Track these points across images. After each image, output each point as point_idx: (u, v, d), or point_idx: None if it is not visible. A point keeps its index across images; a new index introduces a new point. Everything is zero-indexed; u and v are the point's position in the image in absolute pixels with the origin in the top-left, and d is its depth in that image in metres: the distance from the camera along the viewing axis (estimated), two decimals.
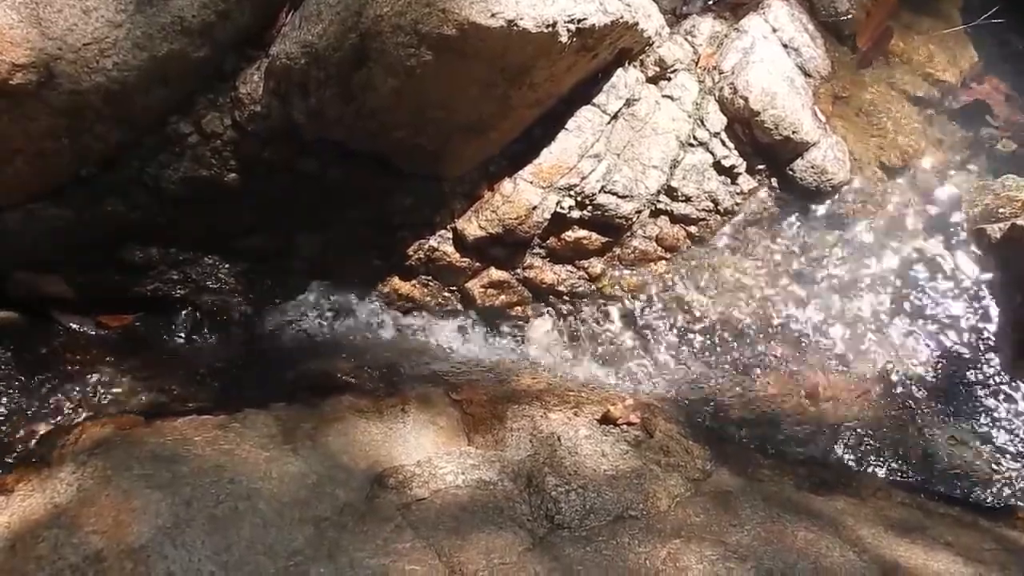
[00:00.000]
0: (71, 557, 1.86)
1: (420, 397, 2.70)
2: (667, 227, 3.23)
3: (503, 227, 2.95)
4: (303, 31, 2.41)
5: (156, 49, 2.31)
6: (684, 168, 3.19)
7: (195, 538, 1.92)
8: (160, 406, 2.41)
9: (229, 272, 2.89)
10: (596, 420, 2.72)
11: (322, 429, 2.43)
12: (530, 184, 2.97)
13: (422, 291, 3.11)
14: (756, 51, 3.23)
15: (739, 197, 3.29)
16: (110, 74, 2.27)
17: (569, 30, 2.54)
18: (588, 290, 3.21)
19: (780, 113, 3.14)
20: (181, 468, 2.10)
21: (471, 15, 2.33)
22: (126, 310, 2.79)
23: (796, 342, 3.15)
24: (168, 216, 2.68)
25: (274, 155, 2.65)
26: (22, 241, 2.53)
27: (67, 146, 2.35)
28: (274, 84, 2.53)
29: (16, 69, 2.08)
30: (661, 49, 3.16)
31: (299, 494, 2.16)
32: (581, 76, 2.93)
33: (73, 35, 2.18)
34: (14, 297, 2.63)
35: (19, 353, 2.46)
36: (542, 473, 2.44)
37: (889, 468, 2.85)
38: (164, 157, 2.58)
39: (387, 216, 2.93)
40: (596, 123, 3.04)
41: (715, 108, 3.23)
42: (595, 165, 3.02)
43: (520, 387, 2.87)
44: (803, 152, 3.24)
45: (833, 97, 3.49)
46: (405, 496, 2.28)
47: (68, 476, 2.05)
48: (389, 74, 2.41)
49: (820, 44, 3.51)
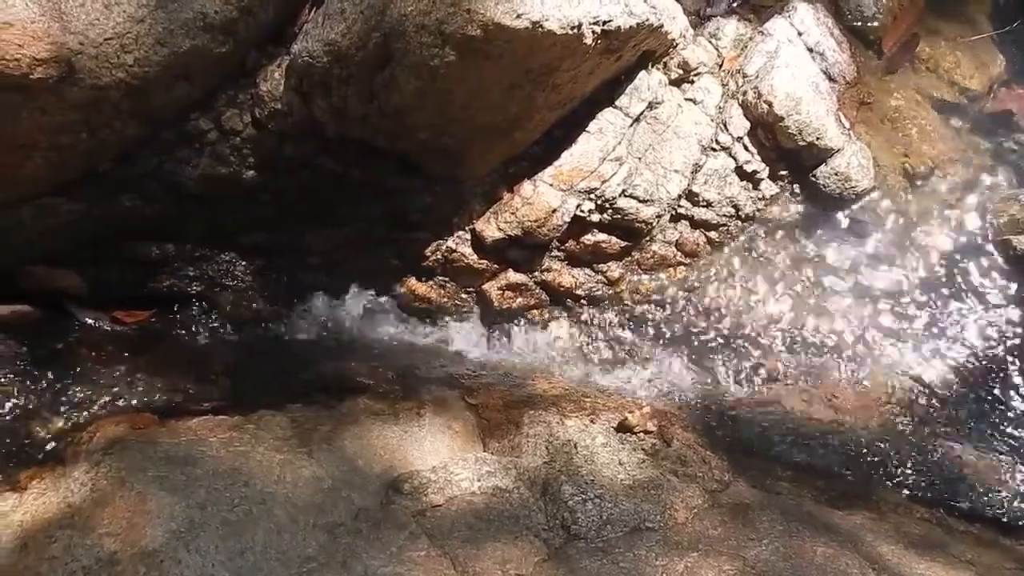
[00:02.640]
0: (84, 559, 1.84)
1: (436, 400, 2.68)
2: (687, 232, 3.19)
3: (522, 229, 2.92)
4: (326, 29, 2.38)
5: (178, 45, 2.28)
6: (706, 172, 3.14)
7: (209, 543, 1.90)
8: (175, 405, 2.38)
9: (245, 269, 2.87)
10: (613, 428, 2.69)
11: (338, 432, 2.40)
12: (550, 186, 2.93)
13: (439, 292, 3.08)
14: (781, 55, 3.18)
15: (760, 203, 3.25)
16: (131, 70, 2.24)
17: (594, 32, 2.50)
18: (606, 294, 3.18)
19: (804, 119, 3.10)
20: (195, 470, 2.07)
21: (496, 16, 2.29)
22: (141, 306, 2.77)
23: (815, 352, 3.11)
24: (185, 212, 2.66)
25: (294, 153, 2.63)
26: (37, 235, 2.51)
27: (85, 141, 2.32)
28: (295, 82, 2.50)
29: (37, 63, 2.05)
30: (685, 51, 3.11)
31: (314, 499, 2.14)
32: (604, 78, 2.90)
33: (95, 30, 2.15)
34: (29, 291, 2.61)
35: (33, 348, 2.44)
36: (558, 481, 2.41)
37: (909, 483, 2.81)
38: (182, 153, 2.56)
39: (405, 216, 2.91)
40: (618, 126, 3.00)
41: (738, 112, 3.18)
42: (616, 168, 2.99)
43: (536, 392, 2.84)
44: (827, 158, 3.19)
45: (858, 103, 3.44)
46: (420, 502, 2.25)
47: (82, 476, 2.03)
48: (413, 74, 2.38)
49: (846, 49, 3.46)
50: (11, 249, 2.51)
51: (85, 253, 2.64)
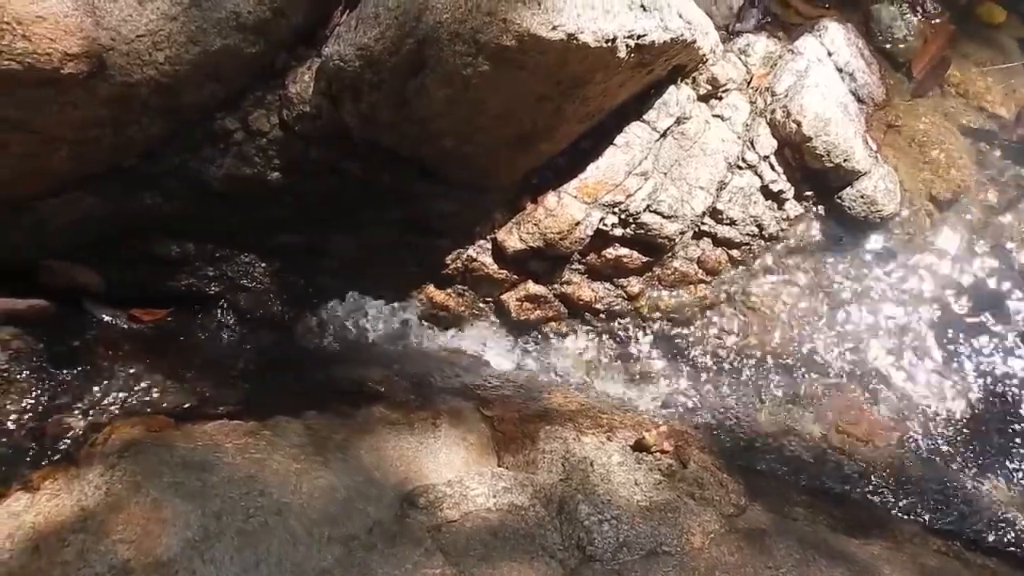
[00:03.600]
0: (97, 566, 1.81)
1: (451, 411, 2.65)
2: (709, 250, 3.16)
3: (544, 241, 2.89)
4: (359, 33, 2.35)
5: (210, 44, 2.25)
6: (731, 190, 3.11)
7: (224, 554, 1.87)
8: (191, 408, 2.35)
9: (264, 271, 2.85)
10: (629, 446, 2.66)
11: (353, 441, 2.37)
12: (575, 199, 2.90)
13: (457, 300, 3.05)
14: (811, 74, 3.15)
15: (785, 223, 3.22)
16: (161, 67, 2.21)
17: (628, 46, 2.47)
18: (625, 309, 3.14)
19: (833, 140, 3.06)
20: (211, 477, 2.04)
21: (532, 27, 2.26)
22: (159, 304, 2.74)
23: (834, 376, 3.08)
24: (207, 212, 2.63)
25: (319, 156, 2.60)
26: (58, 230, 2.48)
27: (111, 137, 2.30)
28: (325, 85, 2.47)
29: (68, 58, 2.03)
30: (715, 67, 3.08)
31: (329, 510, 2.11)
32: (634, 91, 2.87)
33: (127, 26, 2.12)
34: (47, 286, 2.58)
35: (50, 344, 2.41)
36: (575, 500, 2.38)
37: (925, 513, 2.78)
38: (207, 152, 2.53)
39: (427, 222, 2.88)
40: (645, 140, 2.97)
41: (766, 131, 3.14)
42: (642, 183, 2.95)
43: (552, 406, 2.82)
44: (853, 181, 3.16)
45: (886, 125, 3.41)
46: (435, 517, 2.22)
47: (97, 479, 2.00)
48: (444, 82, 2.34)
49: (875, 70, 3.42)
50: (31, 243, 2.48)
51: (105, 250, 2.62)
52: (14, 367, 2.30)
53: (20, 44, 1.96)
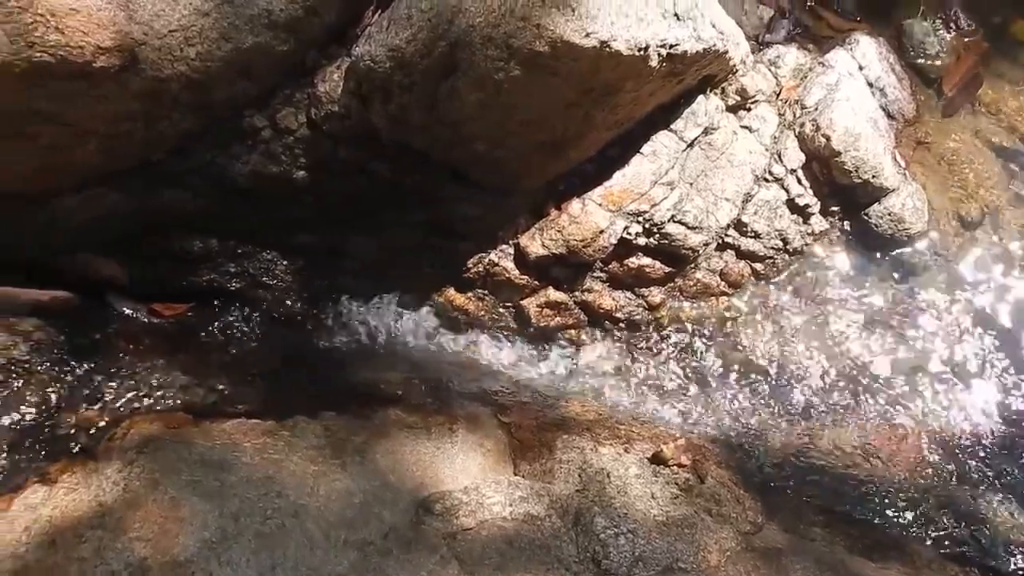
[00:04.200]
0: (114, 563, 1.80)
1: (469, 417, 2.63)
2: (732, 262, 3.13)
3: (567, 248, 2.87)
4: (391, 34, 2.33)
5: (241, 41, 2.24)
6: (756, 203, 3.08)
7: (241, 556, 1.86)
8: (209, 405, 2.34)
9: (286, 269, 2.84)
10: (647, 459, 2.64)
11: (370, 444, 2.36)
12: (599, 207, 2.88)
13: (477, 305, 3.04)
14: (841, 88, 3.12)
15: (809, 238, 3.19)
16: (192, 63, 2.20)
17: (660, 55, 2.45)
18: (645, 319, 3.12)
19: (862, 156, 3.03)
20: (229, 477, 2.03)
21: (566, 33, 2.25)
22: (180, 299, 2.73)
23: (855, 394, 3.05)
24: (231, 208, 2.62)
25: (347, 156, 2.59)
26: (84, 223, 2.48)
27: (141, 131, 2.29)
28: (355, 85, 2.45)
29: (100, 52, 2.02)
30: (744, 78, 3.05)
31: (345, 514, 2.10)
32: (663, 100, 2.84)
33: (160, 21, 2.11)
34: (70, 278, 2.58)
35: (72, 337, 2.41)
36: (591, 512, 2.36)
37: (944, 538, 2.74)
38: (235, 149, 2.52)
39: (450, 225, 2.86)
40: (672, 149, 2.94)
41: (794, 144, 3.11)
42: (667, 193, 2.93)
43: (569, 414, 2.80)
44: (881, 198, 3.13)
45: (915, 142, 3.37)
46: (451, 525, 2.21)
47: (115, 474, 1.99)
48: (476, 86, 2.33)
49: (906, 86, 3.39)
50: (57, 236, 2.48)
51: (129, 243, 2.61)
52: (35, 358, 2.30)
53: (53, 36, 1.95)
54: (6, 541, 1.87)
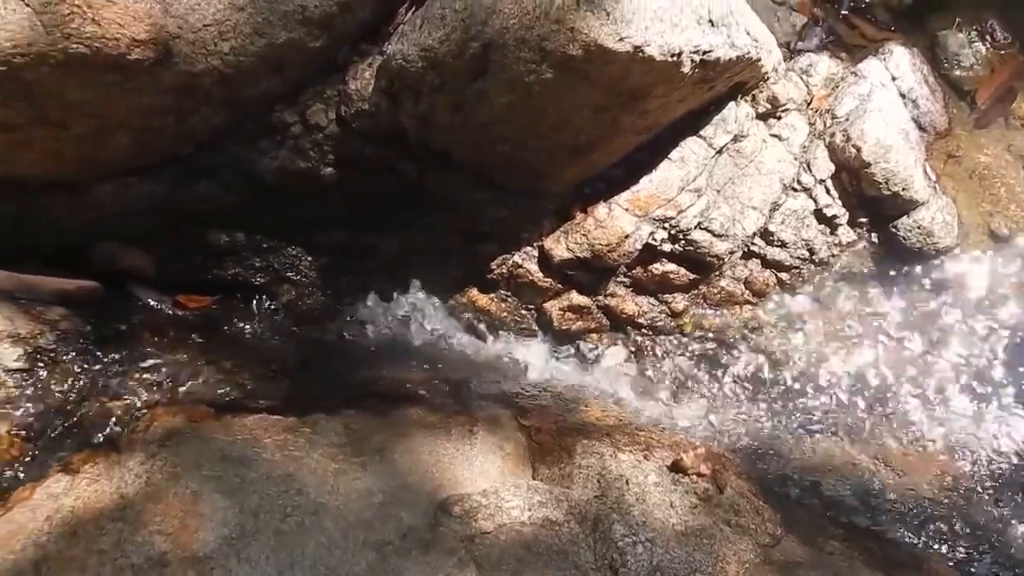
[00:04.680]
0: (134, 556, 1.80)
1: (489, 419, 2.62)
2: (757, 271, 3.11)
3: (592, 252, 2.85)
4: (423, 34, 2.32)
5: (275, 36, 2.24)
6: (784, 212, 3.06)
7: (260, 553, 1.86)
8: (231, 400, 2.34)
9: (310, 265, 2.84)
10: (666, 466, 2.62)
11: (390, 444, 2.35)
12: (625, 211, 2.86)
13: (499, 306, 3.03)
14: (873, 99, 3.08)
15: (836, 249, 3.16)
16: (226, 58, 2.21)
17: (693, 61, 2.44)
18: (668, 326, 3.10)
19: (892, 168, 3.00)
20: (250, 473, 2.03)
21: (600, 37, 2.23)
22: (204, 292, 2.74)
23: (878, 408, 3.01)
24: (258, 203, 2.63)
25: (374, 154, 2.59)
26: (113, 213, 2.49)
27: (171, 124, 2.30)
28: (386, 83, 2.45)
29: (135, 44, 2.02)
30: (776, 86, 3.02)
31: (364, 514, 2.09)
32: (693, 107, 2.83)
33: (195, 15, 2.12)
34: (97, 268, 2.59)
35: (98, 327, 2.41)
36: (610, 519, 2.34)
37: (964, 558, 2.70)
38: (264, 144, 2.53)
39: (474, 226, 2.86)
40: (701, 156, 2.92)
41: (823, 154, 3.08)
42: (694, 200, 2.91)
43: (589, 419, 2.78)
44: (910, 211, 3.09)
45: (946, 155, 3.33)
46: (470, 528, 2.19)
47: (137, 467, 1.99)
48: (506, 88, 2.32)
49: (939, 98, 3.34)
50: (85, 225, 2.49)
51: (156, 235, 2.62)
52: (61, 347, 2.30)
53: (89, 28, 1.96)
54: (28, 530, 1.87)
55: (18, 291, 2.39)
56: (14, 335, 2.25)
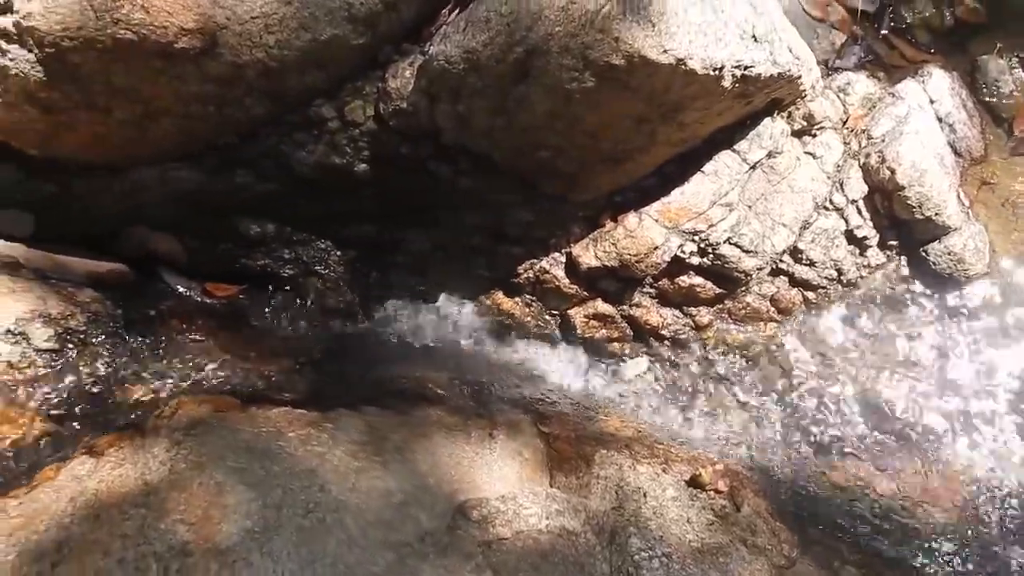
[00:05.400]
0: (157, 544, 1.80)
1: (509, 423, 2.62)
2: (784, 289, 3.09)
3: (620, 261, 2.84)
4: (467, 36, 2.32)
5: (320, 32, 2.24)
6: (814, 231, 3.03)
7: (282, 548, 1.86)
8: (257, 391, 2.35)
9: (339, 259, 2.84)
10: (684, 481, 2.61)
11: (411, 444, 2.35)
12: (656, 222, 2.85)
13: (523, 310, 3.02)
14: (910, 121, 3.05)
15: (865, 270, 3.13)
16: (271, 51, 2.21)
17: (734, 75, 2.43)
18: (691, 339, 3.09)
19: (926, 192, 2.97)
20: (273, 467, 2.04)
21: (643, 48, 2.23)
22: (233, 281, 2.74)
23: (899, 433, 2.99)
24: (292, 195, 2.63)
25: (409, 153, 2.59)
26: (150, 199, 2.50)
27: (213, 114, 2.30)
28: (426, 83, 2.44)
29: (183, 33, 2.03)
30: (812, 104, 3.00)
31: (383, 514, 2.09)
32: (729, 121, 2.81)
33: (243, 6, 2.12)
34: (128, 252, 2.59)
35: (128, 311, 2.42)
36: (626, 532, 2.34)
37: None
38: (301, 137, 2.53)
39: (504, 229, 2.85)
40: (734, 170, 2.91)
41: (857, 174, 3.06)
42: (725, 214, 2.89)
43: (608, 429, 2.77)
44: (942, 236, 3.06)
45: (980, 182, 3.29)
46: (487, 533, 2.19)
47: (162, 454, 2.00)
48: (547, 94, 2.32)
49: (976, 123, 3.31)
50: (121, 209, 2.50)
51: (189, 222, 2.63)
52: (91, 330, 2.31)
53: (138, 15, 1.96)
54: (52, 511, 1.88)
55: (51, 271, 2.40)
56: (46, 315, 2.26)
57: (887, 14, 3.39)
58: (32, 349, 2.19)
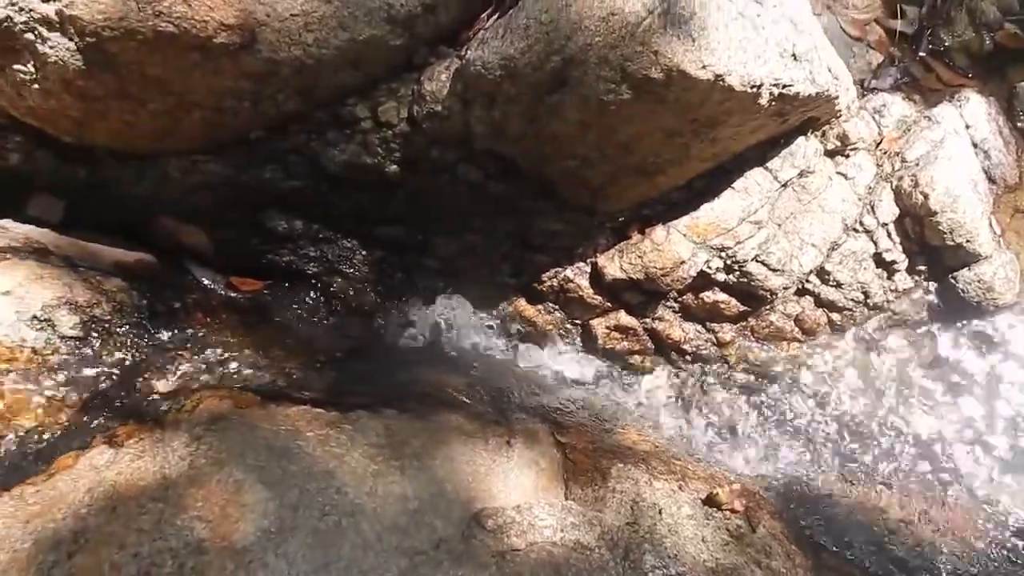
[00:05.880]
0: (173, 540, 1.79)
1: (526, 432, 2.60)
2: (809, 309, 3.06)
3: (645, 274, 2.82)
4: (505, 42, 2.30)
5: (358, 32, 2.23)
6: (842, 252, 3.00)
7: (297, 550, 1.85)
8: (278, 388, 2.34)
9: (364, 259, 2.83)
10: (700, 499, 2.58)
11: (429, 449, 2.34)
12: (683, 237, 2.83)
13: (545, 318, 3.01)
14: (946, 146, 3.02)
15: (892, 294, 3.10)
16: (308, 49, 2.20)
17: (772, 94, 2.41)
18: (712, 355, 3.06)
19: (959, 218, 2.93)
20: (291, 467, 2.03)
21: (683, 63, 2.21)
22: (257, 276, 2.74)
23: (920, 461, 2.96)
24: (320, 193, 2.62)
25: (440, 156, 2.57)
26: (178, 190, 2.50)
27: (246, 108, 2.30)
28: (461, 88, 2.43)
29: (223, 28, 2.02)
30: (847, 124, 2.97)
31: (399, 519, 2.08)
32: (762, 138, 2.79)
33: (283, 4, 2.11)
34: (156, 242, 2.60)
35: (153, 302, 2.42)
36: (641, 549, 2.32)
37: None
38: (333, 135, 2.52)
39: (530, 237, 2.84)
40: (765, 188, 2.88)
41: (889, 197, 3.03)
42: (754, 232, 2.87)
43: (625, 442, 2.75)
44: (972, 263, 3.03)
45: (1013, 210, 3.26)
46: (502, 543, 2.18)
47: (181, 448, 1.99)
48: (581, 105, 2.30)
49: (1012, 151, 3.27)
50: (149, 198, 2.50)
51: (216, 215, 2.62)
52: (116, 319, 2.31)
53: (179, 8, 1.96)
54: (69, 500, 1.88)
55: (79, 258, 2.40)
56: (72, 303, 2.26)
57: (925, 36, 3.36)
58: (57, 336, 2.19)
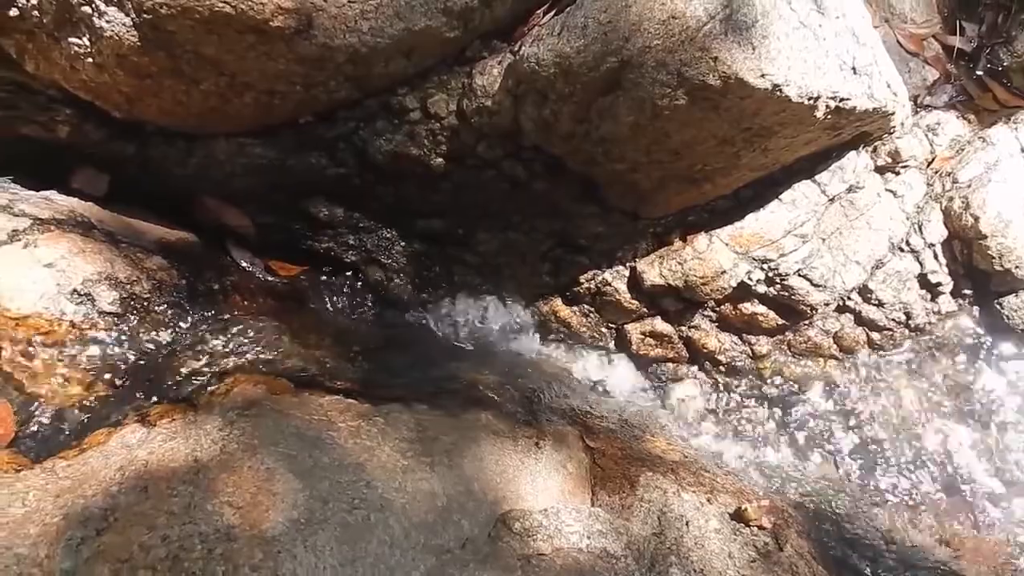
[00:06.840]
0: (203, 525, 1.79)
1: (556, 435, 2.58)
2: (849, 327, 3.00)
3: (685, 282, 2.79)
4: (562, 40, 2.27)
5: (414, 22, 2.21)
6: (887, 271, 2.95)
7: (325, 543, 1.84)
8: (310, 376, 2.32)
9: (403, 251, 2.82)
10: (728, 513, 2.55)
11: (459, 447, 2.32)
12: (725, 246, 2.79)
13: (580, 320, 2.98)
14: (1000, 168, 2.95)
15: (934, 317, 3.04)
16: (363, 36, 2.18)
17: (828, 107, 2.36)
18: (747, 367, 3.02)
19: (1009, 244, 2.86)
20: (323, 457, 2.01)
21: (741, 71, 2.17)
22: (296, 261, 2.73)
23: (952, 488, 2.90)
24: (364, 181, 2.61)
25: (486, 151, 2.55)
26: (224, 170, 2.49)
27: (297, 93, 2.28)
28: (513, 84, 2.40)
29: (280, 12, 2.00)
30: (900, 140, 2.91)
31: (427, 517, 2.06)
32: (813, 151, 2.73)
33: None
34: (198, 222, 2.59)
35: (192, 282, 2.41)
36: (667, 561, 2.29)
37: None
38: (380, 125, 2.50)
39: (571, 238, 2.81)
40: (812, 201, 2.83)
41: (938, 217, 2.96)
42: (798, 245, 2.82)
43: (655, 451, 2.72)
44: (1019, 289, 2.96)
45: None
46: (528, 547, 2.16)
47: (214, 432, 1.98)
48: (635, 108, 2.26)
49: None
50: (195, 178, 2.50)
51: (259, 198, 2.61)
52: (155, 298, 2.31)
53: None
54: (100, 477, 1.88)
55: (122, 234, 2.40)
56: (113, 278, 2.26)
57: (984, 54, 3.29)
58: (96, 311, 2.19)
